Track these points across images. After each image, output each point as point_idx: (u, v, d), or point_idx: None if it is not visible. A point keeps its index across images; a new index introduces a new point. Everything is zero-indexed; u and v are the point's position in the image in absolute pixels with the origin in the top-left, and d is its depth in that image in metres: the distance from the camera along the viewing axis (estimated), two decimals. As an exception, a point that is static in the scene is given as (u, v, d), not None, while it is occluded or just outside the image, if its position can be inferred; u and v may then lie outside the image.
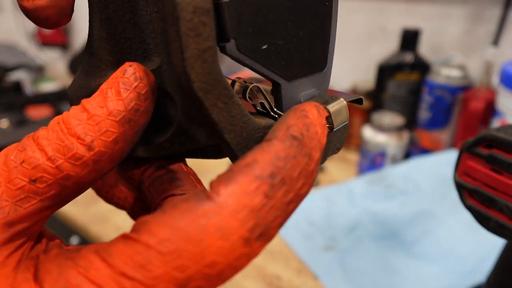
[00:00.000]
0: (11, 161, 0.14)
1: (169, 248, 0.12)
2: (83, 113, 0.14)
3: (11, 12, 1.71)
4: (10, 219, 0.14)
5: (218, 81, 0.14)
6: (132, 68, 0.15)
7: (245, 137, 0.16)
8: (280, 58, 0.17)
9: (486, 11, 0.76)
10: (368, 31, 0.91)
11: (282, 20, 0.16)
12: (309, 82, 0.18)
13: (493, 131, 0.27)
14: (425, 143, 0.77)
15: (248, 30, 0.15)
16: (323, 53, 0.18)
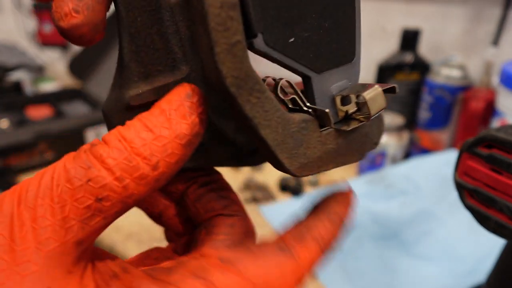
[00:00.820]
0: (75, 179, 0.14)
1: (261, 282, 0.15)
2: (148, 132, 0.14)
3: (11, 12, 1.71)
4: (79, 238, 0.14)
5: (250, 75, 0.15)
6: (196, 93, 0.15)
7: (281, 133, 0.16)
8: (308, 50, 0.17)
9: (486, 11, 0.76)
10: (368, 31, 0.91)
11: (306, 12, 0.16)
12: (340, 74, 0.18)
13: (493, 131, 0.27)
14: (425, 143, 0.77)
15: (274, 24, 0.15)
16: (351, 44, 0.18)
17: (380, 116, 0.20)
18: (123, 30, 0.17)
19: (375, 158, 0.71)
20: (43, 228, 0.13)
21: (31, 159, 0.74)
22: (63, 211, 0.13)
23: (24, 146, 0.73)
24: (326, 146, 0.18)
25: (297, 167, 0.17)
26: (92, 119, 0.81)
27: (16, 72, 1.14)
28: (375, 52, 0.90)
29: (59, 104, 0.91)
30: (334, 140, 0.18)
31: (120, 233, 0.61)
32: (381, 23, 0.89)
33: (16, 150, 0.72)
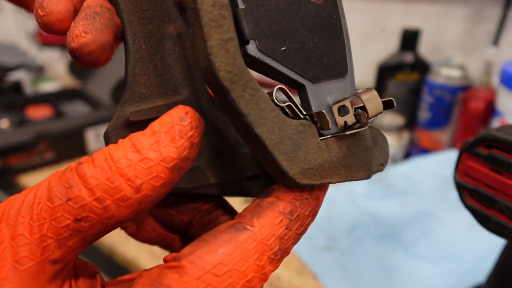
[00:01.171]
0: (56, 198, 0.13)
1: (223, 270, 0.14)
2: (135, 153, 0.14)
3: (11, 12, 1.71)
4: (55, 257, 0.14)
5: (243, 72, 0.15)
6: (189, 116, 0.15)
7: (278, 133, 0.16)
8: (300, 59, 0.17)
9: (486, 11, 0.76)
10: (368, 31, 0.91)
11: (296, 26, 0.17)
12: (334, 86, 0.18)
13: (493, 131, 0.27)
14: (425, 143, 0.77)
15: (265, 33, 0.16)
16: (342, 59, 0.18)
17: (382, 137, 0.20)
18: (129, 55, 0.18)
19: (375, 158, 0.71)
20: (20, 246, 0.13)
21: (31, 159, 0.74)
22: (41, 229, 0.13)
23: (24, 146, 0.73)
24: (327, 154, 0.17)
25: (298, 172, 0.16)
26: (92, 119, 0.81)
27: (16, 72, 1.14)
28: (375, 52, 0.90)
29: (59, 104, 0.91)
30: (335, 148, 0.18)
31: (120, 234, 0.61)
32: (381, 23, 0.89)
33: (16, 150, 0.72)
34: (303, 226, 0.17)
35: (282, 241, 0.16)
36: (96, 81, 1.05)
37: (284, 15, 0.17)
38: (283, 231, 0.16)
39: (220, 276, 0.14)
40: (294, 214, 0.16)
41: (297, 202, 0.16)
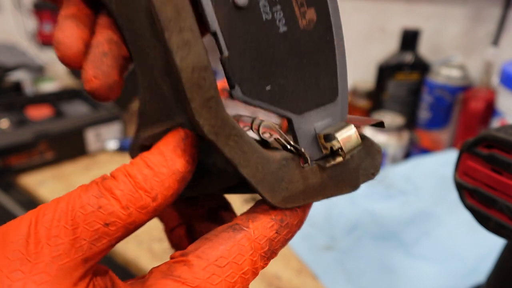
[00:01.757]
0: (88, 206, 0.16)
1: (224, 263, 0.17)
2: (149, 170, 0.17)
3: (11, 12, 1.71)
4: (87, 256, 0.16)
5: (226, 123, 0.17)
6: (189, 137, 0.18)
7: (261, 171, 0.18)
8: (286, 95, 0.18)
9: (486, 11, 0.76)
10: (368, 31, 0.91)
11: (282, 62, 0.18)
12: (322, 113, 0.19)
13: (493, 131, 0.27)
14: (425, 143, 0.77)
15: (250, 76, 0.17)
16: (332, 84, 0.19)
17: (375, 147, 0.20)
18: (139, 82, 0.19)
19: (375, 158, 0.72)
20: (57, 246, 0.15)
21: (31, 159, 0.74)
22: (75, 232, 0.16)
23: (24, 146, 0.73)
24: (309, 181, 0.19)
25: (279, 200, 0.19)
26: (92, 119, 0.81)
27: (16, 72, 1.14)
28: (375, 52, 0.90)
29: (59, 104, 0.91)
30: (317, 175, 0.19)
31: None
32: (381, 23, 0.89)
33: (16, 150, 0.72)
34: (290, 233, 0.20)
35: (272, 243, 0.19)
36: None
37: (271, 51, 0.17)
38: (273, 235, 0.19)
39: (222, 267, 0.17)
40: (284, 221, 0.19)
41: (287, 212, 0.19)
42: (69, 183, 0.73)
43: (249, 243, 0.18)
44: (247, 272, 0.18)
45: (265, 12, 0.17)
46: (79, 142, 0.79)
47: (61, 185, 0.72)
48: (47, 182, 0.73)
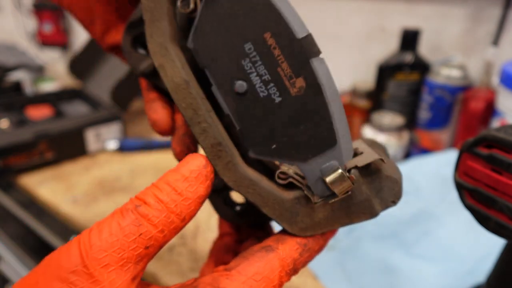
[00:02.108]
0: (130, 234, 0.19)
1: (259, 277, 0.21)
2: (177, 195, 0.20)
3: (11, 12, 1.71)
4: (134, 275, 0.19)
5: (244, 177, 0.23)
6: (209, 164, 0.22)
7: (278, 209, 0.23)
8: (289, 149, 0.22)
9: (486, 11, 0.76)
10: (368, 31, 0.91)
11: (282, 125, 0.22)
12: (326, 157, 0.22)
13: (493, 131, 0.27)
14: (425, 143, 0.77)
15: (258, 140, 0.23)
16: (329, 132, 0.21)
17: (392, 179, 0.23)
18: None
19: (375, 158, 0.71)
20: (109, 272, 0.18)
21: (31, 159, 0.74)
22: (122, 258, 0.19)
23: (24, 146, 0.73)
24: (321, 214, 0.23)
25: (298, 230, 0.23)
26: (92, 119, 0.81)
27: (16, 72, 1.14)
28: (375, 52, 0.90)
29: (59, 104, 0.91)
30: (327, 209, 0.23)
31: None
32: (381, 23, 0.89)
33: (16, 150, 0.72)
34: (311, 256, 0.24)
35: (295, 263, 0.23)
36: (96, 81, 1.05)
37: (271, 118, 0.22)
38: (297, 256, 0.23)
39: (257, 281, 0.21)
40: (307, 246, 0.23)
41: (310, 239, 0.23)
42: (69, 183, 0.73)
43: (278, 262, 0.22)
44: (276, 285, 0.22)
45: (261, 91, 0.22)
46: (79, 142, 0.79)
47: (61, 185, 0.72)
48: (47, 182, 0.73)
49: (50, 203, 0.67)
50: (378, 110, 0.79)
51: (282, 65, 0.21)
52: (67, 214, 0.65)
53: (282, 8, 0.20)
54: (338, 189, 0.21)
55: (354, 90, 0.86)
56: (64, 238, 0.63)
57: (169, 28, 0.23)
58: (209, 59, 0.22)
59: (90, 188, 0.71)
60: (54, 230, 0.64)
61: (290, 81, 0.21)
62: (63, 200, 0.68)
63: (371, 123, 0.72)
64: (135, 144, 0.84)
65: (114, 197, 0.69)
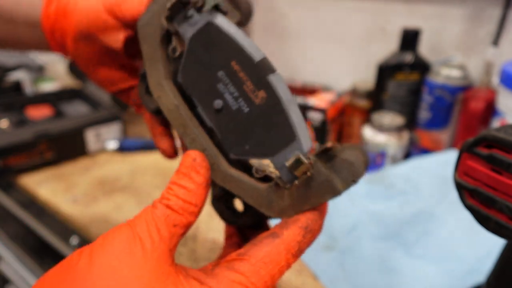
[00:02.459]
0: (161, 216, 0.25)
1: (268, 260, 0.25)
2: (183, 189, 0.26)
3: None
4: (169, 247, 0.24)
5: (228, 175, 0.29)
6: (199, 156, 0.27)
7: (257, 197, 0.28)
8: (260, 147, 0.27)
9: (486, 11, 0.76)
10: (368, 31, 0.91)
11: (252, 129, 0.27)
12: (290, 149, 0.26)
13: (493, 131, 0.27)
14: (425, 143, 0.77)
15: (235, 144, 0.29)
16: (289, 131, 0.26)
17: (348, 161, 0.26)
18: None
19: (375, 158, 0.71)
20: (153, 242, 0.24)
21: (31, 159, 0.74)
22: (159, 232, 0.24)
23: (24, 146, 0.73)
24: (292, 197, 0.27)
25: (276, 213, 0.27)
26: (92, 119, 0.81)
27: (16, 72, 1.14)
28: (375, 52, 0.90)
29: (59, 104, 0.91)
30: (296, 192, 0.26)
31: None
32: (381, 23, 0.89)
33: (16, 150, 0.72)
34: (313, 236, 0.27)
35: (299, 244, 0.26)
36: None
37: (243, 125, 0.28)
38: (301, 238, 0.26)
39: (266, 263, 0.24)
40: (308, 228, 0.26)
41: (310, 221, 0.26)
42: (69, 183, 0.73)
43: (283, 246, 0.25)
44: (283, 266, 0.25)
45: (233, 105, 0.28)
46: (79, 142, 0.79)
47: (61, 185, 0.72)
48: (47, 182, 0.73)
49: (50, 203, 0.67)
50: (378, 110, 0.79)
51: (247, 83, 0.27)
52: (67, 214, 0.65)
53: (241, 41, 0.27)
54: (298, 171, 0.25)
55: (354, 90, 0.86)
56: (64, 238, 0.62)
57: (163, 69, 0.31)
58: (193, 88, 0.30)
59: (90, 188, 0.71)
60: (54, 230, 0.64)
61: (254, 94, 0.27)
62: (63, 200, 0.68)
63: (371, 123, 0.72)
64: (135, 144, 0.84)
65: (114, 197, 0.69)
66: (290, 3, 1.01)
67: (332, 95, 0.87)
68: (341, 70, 0.99)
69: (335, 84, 0.98)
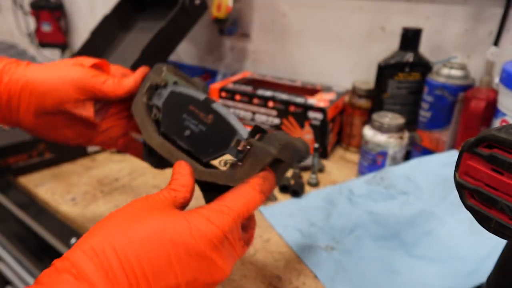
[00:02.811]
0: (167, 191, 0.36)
1: (241, 195, 0.35)
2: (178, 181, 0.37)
3: (11, 12, 1.71)
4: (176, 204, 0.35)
5: (203, 172, 0.40)
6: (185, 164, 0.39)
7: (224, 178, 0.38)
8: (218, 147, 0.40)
9: (487, 10, 0.76)
10: (368, 31, 0.91)
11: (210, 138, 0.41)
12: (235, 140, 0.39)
13: (494, 131, 0.26)
14: (425, 143, 0.77)
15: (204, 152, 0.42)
16: (231, 130, 0.40)
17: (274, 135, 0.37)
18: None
19: (376, 158, 0.71)
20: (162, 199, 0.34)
21: (30, 159, 0.74)
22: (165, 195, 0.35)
23: (24, 146, 0.73)
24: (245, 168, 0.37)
25: (238, 182, 0.37)
26: (92, 119, 0.81)
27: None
28: (376, 52, 0.90)
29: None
30: (246, 165, 0.37)
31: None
32: (381, 23, 0.89)
33: (15, 150, 0.72)
34: (271, 184, 0.36)
35: (262, 187, 0.35)
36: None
37: (204, 138, 0.41)
38: (262, 182, 0.36)
39: (240, 196, 0.34)
40: (265, 178, 0.36)
41: (263, 174, 0.36)
42: (68, 183, 0.73)
43: (250, 185, 0.35)
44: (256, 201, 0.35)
45: (195, 129, 0.42)
46: (79, 142, 0.79)
47: (61, 185, 0.72)
48: (47, 182, 0.73)
49: (50, 203, 0.67)
50: (378, 110, 0.79)
51: (200, 114, 0.42)
52: (67, 214, 0.64)
53: (192, 94, 0.44)
54: (240, 146, 0.38)
55: (354, 90, 0.86)
56: (63, 238, 0.62)
57: (151, 128, 0.45)
58: (170, 130, 0.44)
59: (90, 188, 0.71)
60: (53, 230, 0.64)
61: (206, 118, 0.42)
62: (63, 200, 0.67)
63: (372, 123, 0.72)
64: (135, 144, 0.83)
65: (113, 197, 0.68)
66: (290, 3, 1.01)
67: (332, 95, 0.86)
68: (341, 70, 0.98)
69: (335, 84, 0.97)
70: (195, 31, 1.13)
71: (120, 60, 1.04)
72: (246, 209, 0.34)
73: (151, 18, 1.06)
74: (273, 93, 0.86)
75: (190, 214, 0.32)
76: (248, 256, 0.55)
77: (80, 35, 1.55)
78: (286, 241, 0.57)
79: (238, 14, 1.07)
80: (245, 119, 0.90)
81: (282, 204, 0.67)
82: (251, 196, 0.34)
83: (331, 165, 0.82)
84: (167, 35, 0.88)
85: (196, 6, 0.89)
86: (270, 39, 1.08)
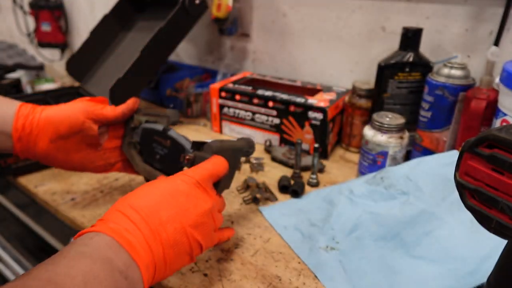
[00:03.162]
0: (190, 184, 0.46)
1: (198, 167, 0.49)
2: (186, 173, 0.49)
3: (11, 12, 1.71)
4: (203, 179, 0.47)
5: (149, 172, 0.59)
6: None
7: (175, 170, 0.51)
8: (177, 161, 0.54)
9: (487, 10, 0.76)
10: (368, 30, 0.91)
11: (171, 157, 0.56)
12: (184, 154, 0.53)
13: (494, 131, 0.26)
14: (426, 143, 0.77)
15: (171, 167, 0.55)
16: (182, 148, 0.54)
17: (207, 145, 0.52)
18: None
19: (376, 158, 0.71)
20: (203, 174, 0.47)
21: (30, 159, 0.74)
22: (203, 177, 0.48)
23: (23, 146, 0.73)
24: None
25: None
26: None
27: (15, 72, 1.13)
28: (376, 52, 0.90)
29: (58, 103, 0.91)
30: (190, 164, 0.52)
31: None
32: (381, 23, 0.89)
33: (15, 150, 0.72)
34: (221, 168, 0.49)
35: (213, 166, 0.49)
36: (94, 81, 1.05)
37: (168, 158, 0.56)
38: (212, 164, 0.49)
39: (208, 169, 0.48)
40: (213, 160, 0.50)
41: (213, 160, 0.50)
42: (68, 183, 0.73)
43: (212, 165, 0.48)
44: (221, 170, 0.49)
45: (161, 152, 0.57)
46: (79, 142, 0.79)
47: (61, 185, 0.72)
48: (46, 183, 0.73)
49: (49, 203, 0.67)
50: (378, 110, 0.79)
51: (162, 141, 0.56)
52: (67, 215, 0.64)
53: (156, 127, 0.58)
54: (187, 159, 0.52)
55: (354, 90, 0.85)
56: (63, 238, 0.62)
57: (137, 158, 0.59)
58: (148, 157, 0.59)
59: (89, 188, 0.71)
60: (53, 230, 0.64)
61: (165, 143, 0.55)
62: (62, 200, 0.67)
63: (372, 123, 0.72)
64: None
65: (113, 197, 0.68)
66: (290, 3, 1.01)
67: (332, 95, 0.86)
68: (341, 70, 0.98)
69: (335, 84, 0.97)
70: (195, 31, 1.13)
71: (120, 60, 1.04)
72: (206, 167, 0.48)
73: (151, 18, 1.06)
74: (273, 93, 0.86)
75: (177, 175, 0.46)
76: (248, 256, 0.55)
77: (79, 35, 1.55)
78: (286, 241, 0.57)
79: (238, 14, 1.07)
80: (245, 119, 0.90)
81: (282, 204, 0.67)
82: (209, 161, 0.49)
83: (331, 165, 0.82)
84: (167, 35, 0.88)
85: (196, 6, 0.89)
86: (270, 39, 1.08)
